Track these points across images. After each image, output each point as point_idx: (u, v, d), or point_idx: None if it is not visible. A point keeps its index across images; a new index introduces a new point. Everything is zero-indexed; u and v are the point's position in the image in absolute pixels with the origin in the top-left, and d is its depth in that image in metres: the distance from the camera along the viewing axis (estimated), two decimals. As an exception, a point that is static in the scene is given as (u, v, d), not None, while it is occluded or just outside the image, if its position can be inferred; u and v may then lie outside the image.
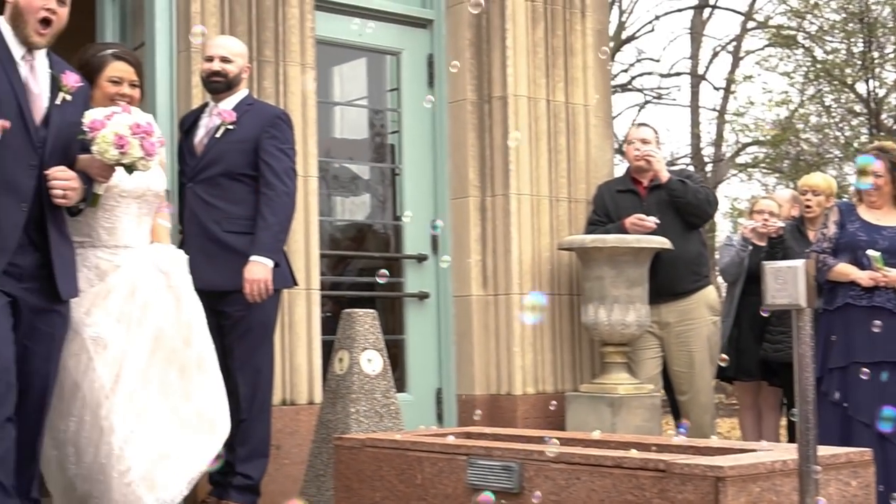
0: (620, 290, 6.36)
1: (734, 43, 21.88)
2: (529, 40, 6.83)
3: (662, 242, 6.38)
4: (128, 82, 4.50)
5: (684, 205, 6.54)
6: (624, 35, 21.44)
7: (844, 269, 5.88)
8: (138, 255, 4.43)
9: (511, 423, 6.52)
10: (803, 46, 18.82)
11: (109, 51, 4.55)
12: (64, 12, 3.93)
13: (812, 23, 18.73)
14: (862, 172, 5.96)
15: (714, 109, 22.18)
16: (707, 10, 21.88)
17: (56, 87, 3.98)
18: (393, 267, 6.81)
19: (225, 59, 5.01)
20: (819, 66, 18.08)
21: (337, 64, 7.15)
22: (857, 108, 18.17)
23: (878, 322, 5.68)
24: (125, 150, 3.93)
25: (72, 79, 4.00)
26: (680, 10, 21.25)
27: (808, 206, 7.08)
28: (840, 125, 18.66)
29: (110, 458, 4.16)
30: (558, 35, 6.97)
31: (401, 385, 6.43)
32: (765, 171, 20.21)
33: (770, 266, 3.46)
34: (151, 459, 4.21)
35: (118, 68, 4.49)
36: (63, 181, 3.91)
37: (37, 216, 3.92)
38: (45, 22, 3.86)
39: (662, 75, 22.07)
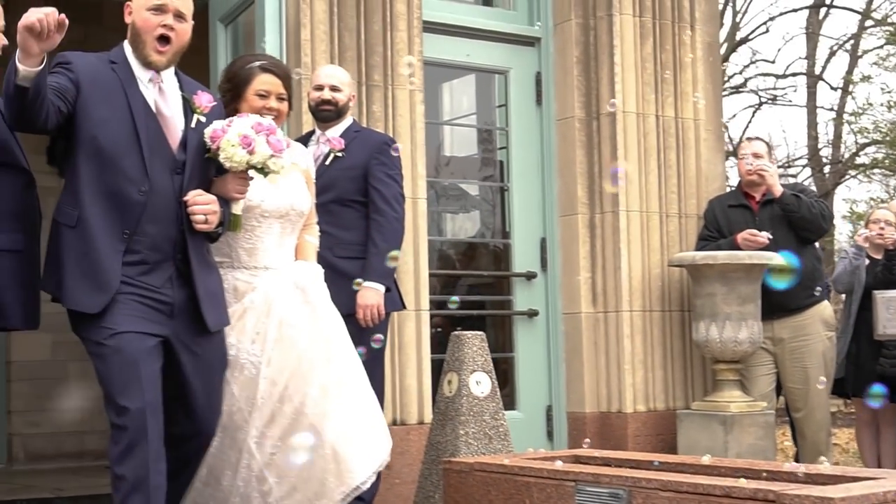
0: (732, 306, 6.32)
1: (851, 42, 21.50)
2: (638, 56, 6.82)
3: (774, 258, 6.31)
4: (275, 95, 4.33)
5: (798, 219, 6.46)
6: (738, 36, 21.20)
7: None
8: (276, 274, 4.26)
9: (621, 441, 6.51)
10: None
11: (257, 63, 4.38)
12: (183, 29, 3.81)
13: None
14: None
15: (832, 109, 21.83)
16: (823, 10, 21.51)
17: (189, 108, 3.87)
18: (502, 284, 6.86)
19: (335, 88, 5.10)
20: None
21: (445, 82, 7.23)
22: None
23: None
24: (252, 147, 3.80)
25: (204, 99, 3.88)
26: (795, 10, 20.95)
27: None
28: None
29: (250, 481, 4.11)
30: (667, 49, 6.94)
31: (510, 403, 6.48)
32: (886, 172, 19.76)
33: (881, 296, 3.44)
34: (292, 483, 4.09)
35: (266, 81, 4.31)
36: (203, 205, 3.80)
37: (181, 244, 3.83)
38: (163, 39, 3.76)
39: (777, 76, 21.77)
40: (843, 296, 7.37)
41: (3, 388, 8.48)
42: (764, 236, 6.40)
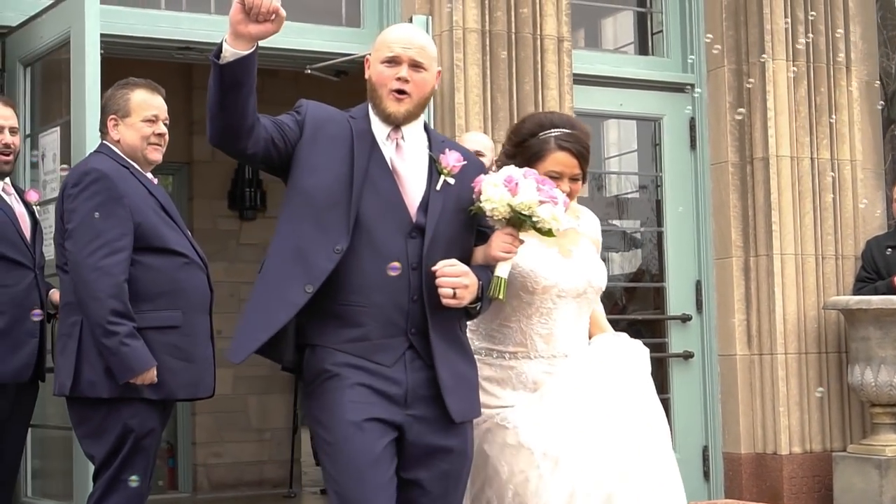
0: (887, 350, 6.51)
1: None
2: (791, 100, 7.05)
3: (932, 302, 6.48)
4: (568, 178, 3.74)
5: None
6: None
7: None
8: (576, 360, 3.75)
9: (777, 482, 6.77)
10: None
11: (553, 133, 3.75)
12: (422, 79, 3.43)
13: None
14: None
15: None
16: None
17: (436, 169, 3.48)
18: (658, 326, 7.18)
19: (478, 153, 5.45)
20: None
21: (601, 127, 7.58)
22: None
23: None
24: (515, 188, 3.35)
25: (452, 158, 3.47)
26: None
27: None
28: None
29: None
30: (822, 92, 7.15)
31: (667, 444, 6.78)
32: None
33: None
34: None
35: (560, 161, 3.72)
36: (452, 277, 3.33)
37: (416, 318, 3.39)
38: (398, 93, 3.41)
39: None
40: None
41: (189, 420, 9.23)
42: None
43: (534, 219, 3.36)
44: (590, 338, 3.88)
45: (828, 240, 7.07)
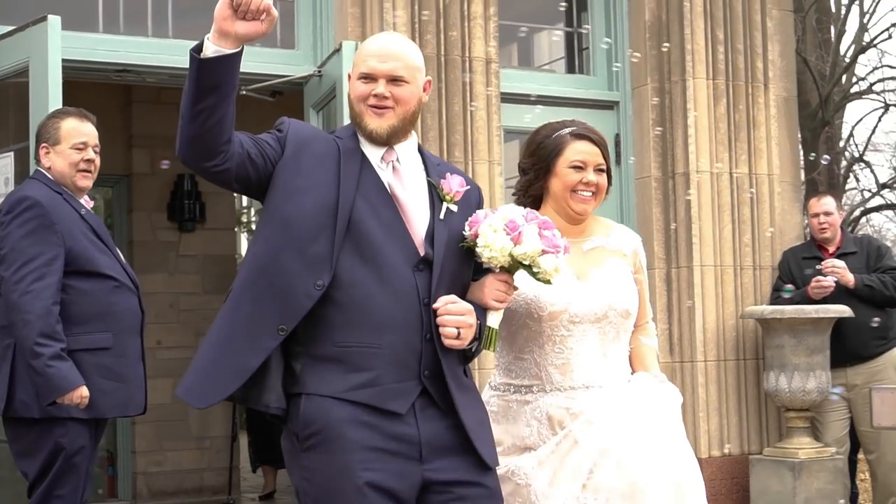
0: (801, 357, 6.89)
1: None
2: (711, 117, 7.41)
3: (842, 311, 6.86)
4: (593, 167, 3.58)
5: (874, 302, 6.97)
6: (866, 38, 21.38)
7: None
8: (600, 394, 3.50)
9: (698, 485, 7.12)
10: None
11: (567, 129, 3.62)
12: (405, 93, 3.16)
13: None
14: None
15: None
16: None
17: (436, 195, 3.21)
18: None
19: None
20: None
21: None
22: None
23: None
24: (519, 236, 3.09)
25: (454, 183, 3.22)
26: (917, 14, 21.04)
27: None
28: None
29: None
30: (741, 109, 7.52)
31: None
32: None
33: (876, 389, 4.03)
34: None
35: (581, 150, 3.57)
36: (456, 315, 3.06)
37: (429, 360, 3.09)
38: (379, 107, 3.15)
39: (904, 80, 21.83)
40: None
41: (129, 429, 9.46)
42: (830, 281, 6.94)
43: (534, 269, 3.13)
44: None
45: (746, 251, 7.44)
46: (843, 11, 21.45)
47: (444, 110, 6.66)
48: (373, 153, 3.17)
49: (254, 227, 18.29)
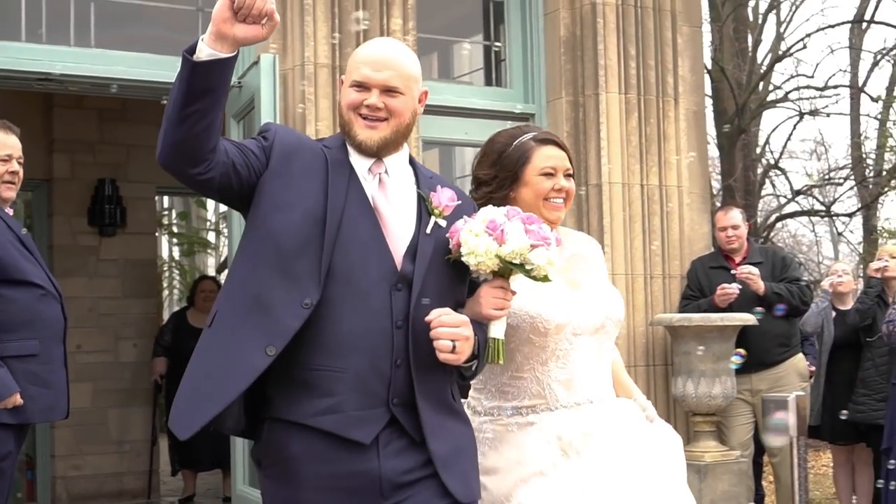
0: (707, 364, 7.17)
1: (894, 51, 22.06)
2: (623, 130, 7.67)
3: (747, 319, 7.15)
4: (562, 172, 3.44)
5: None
6: (782, 47, 21.87)
7: None
8: (604, 409, 3.39)
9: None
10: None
11: (528, 135, 3.46)
12: (399, 105, 3.01)
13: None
14: None
15: (876, 118, 22.39)
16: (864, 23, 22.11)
17: (426, 209, 3.07)
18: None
19: None
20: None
21: (450, 154, 8.11)
22: None
23: None
24: (502, 235, 2.92)
25: (444, 196, 3.07)
26: (832, 26, 21.54)
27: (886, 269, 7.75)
28: None
29: None
30: (651, 123, 7.79)
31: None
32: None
33: (767, 397, 4.28)
34: None
35: (550, 155, 3.42)
36: (450, 327, 2.87)
37: (400, 386, 2.92)
38: (371, 119, 3.00)
39: (818, 88, 22.38)
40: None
41: (48, 434, 9.51)
42: (734, 288, 7.22)
43: (527, 267, 2.94)
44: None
45: (656, 261, 7.71)
46: (760, 20, 21.99)
47: None
48: (360, 164, 3.03)
49: (175, 229, 18.30)
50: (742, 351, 7.09)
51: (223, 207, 14.59)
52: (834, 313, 7.81)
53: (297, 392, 2.87)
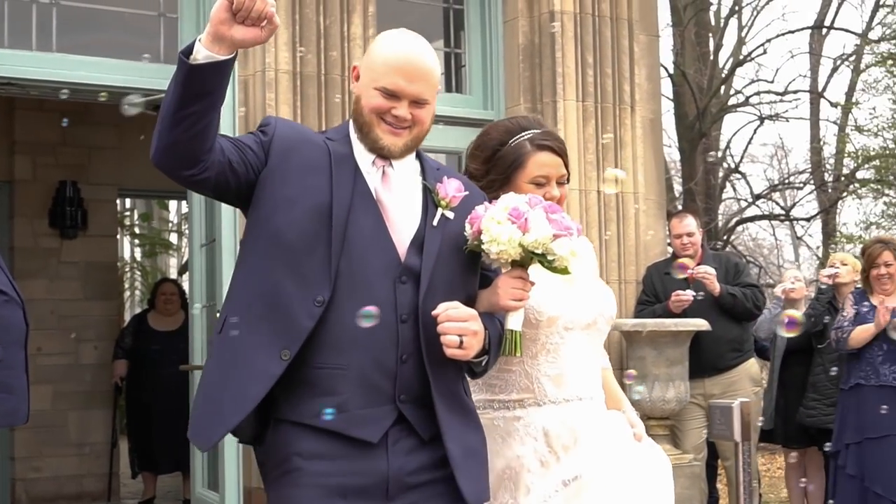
0: (661, 368, 7.30)
1: (853, 58, 22.35)
2: (580, 137, 7.80)
3: (700, 325, 7.29)
4: (556, 180, 3.35)
5: (734, 313, 7.43)
6: (744, 51, 22.11)
7: (860, 329, 6.80)
8: (592, 407, 3.32)
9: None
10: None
11: (527, 135, 3.32)
12: (424, 114, 2.96)
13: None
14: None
15: (835, 123, 22.68)
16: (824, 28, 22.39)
17: (432, 200, 2.99)
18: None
19: None
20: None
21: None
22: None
23: (884, 406, 6.52)
24: (525, 223, 2.83)
25: (451, 187, 2.97)
26: (792, 32, 21.79)
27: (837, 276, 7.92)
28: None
29: None
30: (609, 130, 7.92)
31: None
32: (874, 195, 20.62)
33: (713, 404, 4.41)
34: None
35: (544, 163, 3.30)
36: (458, 321, 2.80)
37: (408, 382, 2.86)
38: (397, 128, 2.92)
39: (778, 93, 22.62)
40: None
41: (7, 436, 9.53)
42: (689, 294, 7.36)
43: (549, 258, 2.85)
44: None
45: (612, 266, 7.83)
46: (721, 25, 22.22)
47: (325, 128, 6.86)
48: (364, 156, 2.95)
49: (137, 230, 18.30)
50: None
51: (185, 208, 14.65)
52: (779, 309, 7.97)
53: (300, 391, 2.79)
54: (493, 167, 3.30)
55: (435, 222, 2.93)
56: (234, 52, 2.66)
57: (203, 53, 2.61)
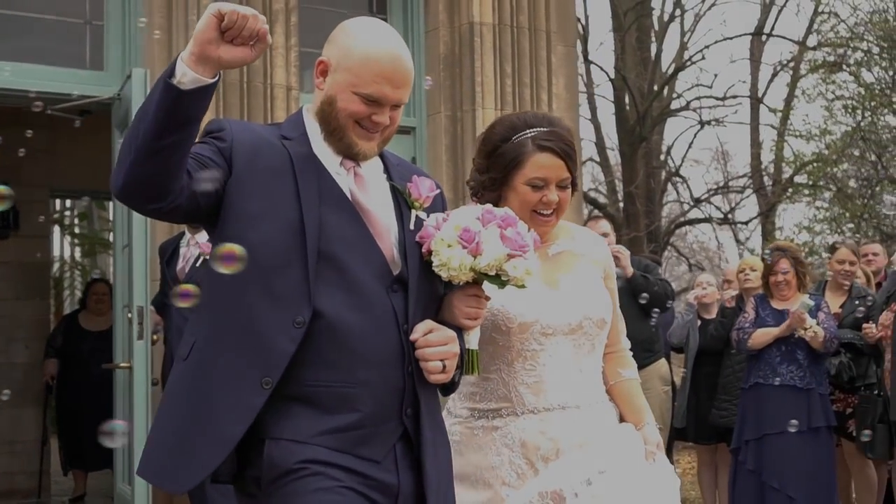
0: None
1: (792, 64, 22.80)
2: (499, 144, 8.09)
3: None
4: (555, 183, 3.17)
5: (648, 298, 7.73)
6: (686, 55, 22.52)
7: (761, 332, 7.14)
8: (578, 417, 3.16)
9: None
10: (851, 73, 19.77)
11: (530, 133, 3.17)
12: (397, 117, 2.81)
13: (857, 48, 19.72)
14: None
15: (774, 127, 23.13)
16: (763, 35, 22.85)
17: (403, 201, 2.82)
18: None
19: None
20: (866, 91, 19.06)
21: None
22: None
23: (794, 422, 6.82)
24: (477, 246, 2.67)
25: (424, 187, 2.82)
26: (730, 38, 22.31)
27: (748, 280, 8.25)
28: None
29: None
30: (526, 137, 8.21)
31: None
32: (808, 200, 21.08)
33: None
34: None
35: (542, 164, 3.14)
36: (439, 346, 2.68)
37: (413, 398, 2.72)
38: (372, 132, 2.74)
39: (719, 98, 23.05)
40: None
41: (-61, 432, 9.72)
42: None
43: (503, 279, 2.71)
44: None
45: (530, 269, 8.13)
46: (662, 29, 22.63)
47: (245, 104, 7.13)
48: (329, 157, 2.74)
49: (77, 230, 18.43)
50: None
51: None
52: (699, 322, 8.32)
53: (298, 411, 2.59)
54: (493, 164, 3.18)
55: (412, 226, 2.76)
56: (218, 74, 2.44)
57: (190, 76, 2.39)
